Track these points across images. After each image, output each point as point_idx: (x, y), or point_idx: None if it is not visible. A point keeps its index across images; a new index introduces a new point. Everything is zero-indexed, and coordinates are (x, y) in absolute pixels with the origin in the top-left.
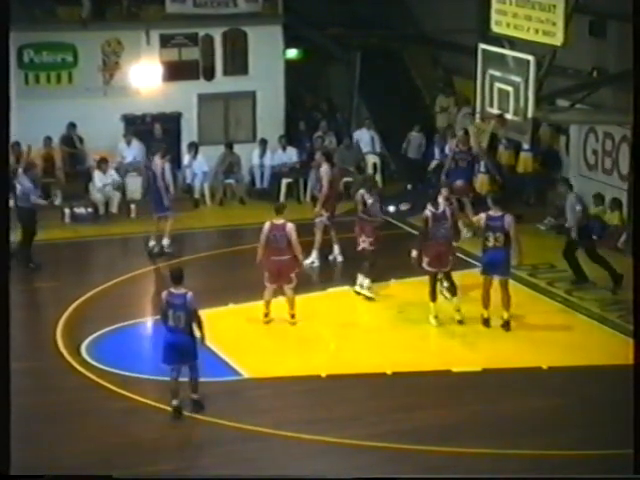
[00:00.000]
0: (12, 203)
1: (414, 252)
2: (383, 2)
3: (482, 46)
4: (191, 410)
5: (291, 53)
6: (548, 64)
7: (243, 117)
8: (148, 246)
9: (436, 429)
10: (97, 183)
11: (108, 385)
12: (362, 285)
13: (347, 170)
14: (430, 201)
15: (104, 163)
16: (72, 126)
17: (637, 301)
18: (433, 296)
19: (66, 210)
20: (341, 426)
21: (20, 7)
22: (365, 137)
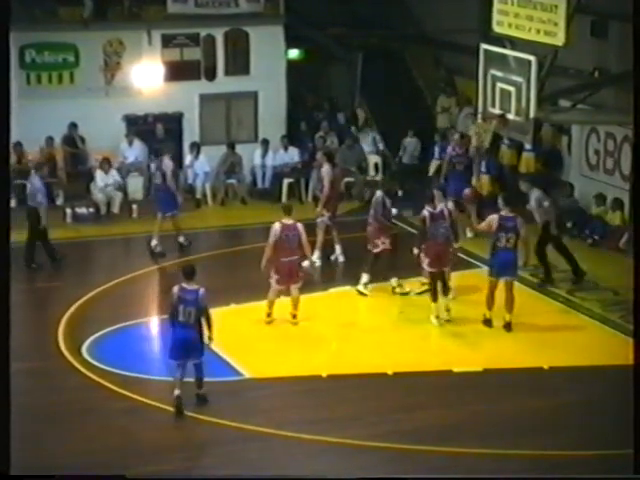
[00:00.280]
0: (17, 202)
1: (416, 250)
2: (384, 2)
3: (484, 46)
4: (195, 404)
5: (293, 53)
6: (550, 64)
7: (245, 117)
8: (150, 246)
9: (437, 429)
10: (99, 183)
11: (109, 385)
12: (365, 284)
13: (349, 170)
14: (427, 201)
15: (106, 163)
16: (74, 126)
17: (637, 301)
18: (434, 296)
19: (68, 210)
20: (342, 426)
21: (21, 7)
22: (367, 137)
